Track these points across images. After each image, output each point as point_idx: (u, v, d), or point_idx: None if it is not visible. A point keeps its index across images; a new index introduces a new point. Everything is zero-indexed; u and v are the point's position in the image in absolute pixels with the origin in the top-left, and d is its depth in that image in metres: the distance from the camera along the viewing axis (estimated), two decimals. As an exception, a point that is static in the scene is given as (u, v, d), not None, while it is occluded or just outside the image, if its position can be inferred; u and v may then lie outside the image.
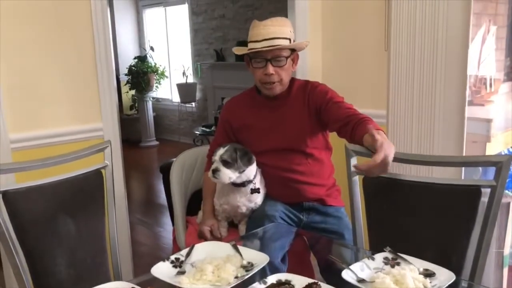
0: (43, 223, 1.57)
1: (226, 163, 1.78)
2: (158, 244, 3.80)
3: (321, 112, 1.86)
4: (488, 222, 1.38)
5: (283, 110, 1.93)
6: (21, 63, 2.06)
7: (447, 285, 1.16)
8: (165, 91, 7.86)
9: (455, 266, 1.30)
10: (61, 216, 1.61)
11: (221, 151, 1.81)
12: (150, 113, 7.44)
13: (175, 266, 1.36)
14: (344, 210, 1.97)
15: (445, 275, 1.20)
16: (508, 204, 2.54)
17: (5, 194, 1.50)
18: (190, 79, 7.28)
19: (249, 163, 1.82)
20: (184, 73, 7.10)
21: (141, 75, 7.15)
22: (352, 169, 1.58)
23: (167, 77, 7.69)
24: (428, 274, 1.21)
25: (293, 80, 1.99)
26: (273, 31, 1.83)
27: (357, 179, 1.61)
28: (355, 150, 1.61)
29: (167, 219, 4.15)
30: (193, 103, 7.32)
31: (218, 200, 1.95)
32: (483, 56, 2.78)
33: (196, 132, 5.83)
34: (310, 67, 2.65)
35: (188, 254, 1.40)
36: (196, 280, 1.25)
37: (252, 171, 1.86)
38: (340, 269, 1.24)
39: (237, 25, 6.39)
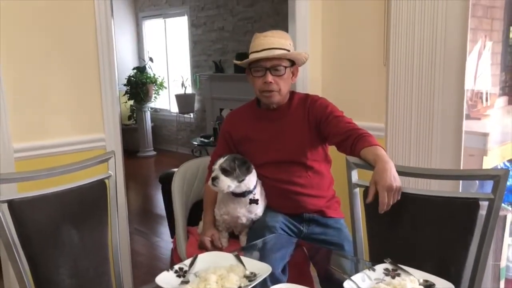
0: (48, 232, 1.58)
1: (225, 171, 1.81)
2: (156, 254, 3.80)
3: (321, 125, 1.90)
4: (486, 234, 1.41)
5: (283, 123, 1.97)
6: (25, 74, 2.08)
7: (446, 295, 1.18)
8: (164, 101, 7.90)
9: (454, 277, 1.33)
10: (65, 225, 1.63)
11: (220, 160, 1.84)
12: (148, 124, 7.48)
13: (178, 276, 1.37)
14: (344, 222, 2.00)
15: (444, 286, 1.22)
16: (505, 217, 2.57)
17: (11, 203, 1.52)
18: (189, 90, 7.33)
19: (247, 172, 1.85)
20: (183, 84, 7.14)
21: (140, 85, 7.19)
22: (353, 181, 1.62)
23: (165, 87, 7.73)
24: (428, 285, 1.23)
25: (293, 93, 2.03)
26: (273, 41, 1.88)
27: (357, 191, 1.64)
28: (356, 163, 1.64)
29: (164, 229, 4.16)
30: (192, 114, 7.36)
31: (218, 211, 1.97)
32: (479, 70, 2.83)
33: (195, 143, 5.86)
34: (310, 80, 2.69)
35: (191, 264, 1.42)
36: (200, 290, 1.27)
37: (251, 181, 1.88)
38: (339, 280, 1.26)
39: (237, 37, 6.45)
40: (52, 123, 2.20)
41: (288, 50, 1.90)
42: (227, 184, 1.80)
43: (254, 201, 1.89)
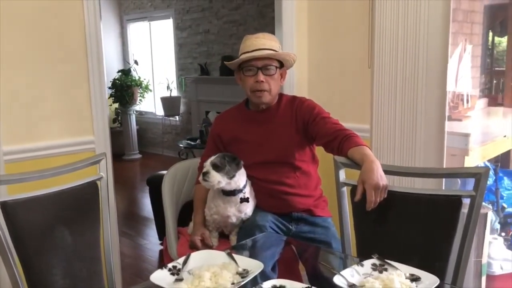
0: (41, 233, 1.60)
1: (216, 167, 1.85)
2: (143, 256, 3.80)
3: (309, 126, 1.95)
4: (468, 229, 1.47)
5: (272, 124, 2.01)
6: (15, 77, 2.09)
7: (431, 288, 1.24)
8: (149, 104, 7.89)
9: (438, 271, 1.38)
10: (58, 227, 1.65)
11: (212, 157, 1.89)
12: (134, 126, 7.46)
13: (172, 274, 1.40)
14: (331, 220, 2.05)
15: (429, 280, 1.28)
16: (486, 214, 2.66)
17: (4, 204, 1.53)
18: (174, 93, 7.34)
19: (237, 168, 1.89)
20: (168, 87, 7.15)
21: (125, 88, 7.18)
22: (341, 179, 1.67)
23: (151, 90, 7.73)
24: (414, 279, 1.29)
25: (281, 95, 2.08)
26: (264, 43, 1.94)
27: (345, 190, 1.69)
28: (343, 163, 1.69)
29: (151, 232, 4.17)
30: (177, 117, 7.36)
31: (209, 211, 2.00)
32: (460, 73, 2.92)
33: (181, 145, 5.87)
34: (296, 83, 2.75)
35: (184, 262, 1.45)
36: (194, 287, 1.30)
37: (241, 179, 1.93)
38: (328, 277, 1.30)
39: (222, 40, 6.49)
40: (42, 126, 2.22)
41: (277, 51, 1.95)
42: (218, 179, 1.84)
43: (245, 200, 1.93)
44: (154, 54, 7.81)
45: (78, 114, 2.32)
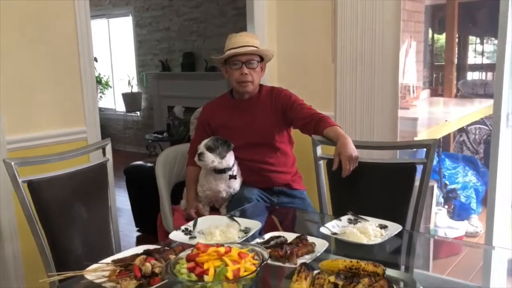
0: (61, 207, 1.82)
1: (210, 149, 2.13)
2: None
3: (287, 112, 2.27)
4: (422, 189, 1.84)
5: (254, 111, 2.31)
6: (14, 72, 2.27)
7: (396, 232, 1.59)
8: (109, 101, 7.95)
9: (399, 223, 1.73)
10: (76, 202, 1.87)
11: (205, 140, 2.16)
12: (94, 123, 7.49)
13: (186, 234, 1.69)
14: (306, 193, 2.38)
15: (394, 227, 1.63)
16: (432, 187, 3.09)
17: (31, 183, 1.75)
18: (135, 89, 7.46)
19: (228, 149, 2.18)
20: (129, 83, 7.27)
21: (85, 85, 7.21)
22: (318, 154, 2.01)
23: (111, 87, 7.80)
24: (383, 226, 1.64)
25: (261, 86, 2.38)
26: (247, 40, 2.24)
27: (321, 163, 2.03)
28: (320, 140, 2.03)
29: (122, 219, 4.25)
30: (138, 112, 7.50)
31: (201, 188, 2.28)
32: (406, 67, 3.34)
33: (149, 139, 6.04)
34: (267, 76, 3.04)
35: (194, 225, 1.73)
36: (208, 241, 1.59)
37: (231, 159, 2.22)
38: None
39: (183, 37, 6.70)
40: (39, 117, 2.40)
41: (258, 48, 2.25)
42: (211, 159, 2.13)
43: (233, 177, 2.23)
44: (113, 51, 7.88)
45: (71, 106, 2.52)
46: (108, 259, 1.42)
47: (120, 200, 4.99)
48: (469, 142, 4.22)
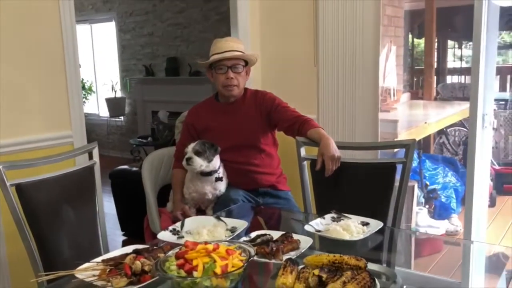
0: (49, 210, 1.84)
1: (198, 153, 2.16)
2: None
3: (271, 114, 2.32)
4: (402, 188, 1.91)
5: (239, 114, 2.36)
6: (1, 78, 2.27)
7: (377, 229, 1.65)
8: (92, 106, 7.92)
9: (380, 220, 1.79)
10: (63, 205, 1.89)
11: (192, 144, 2.19)
12: (77, 128, 7.45)
13: (174, 234, 1.72)
14: (290, 194, 2.43)
15: (376, 224, 1.69)
16: (413, 187, 3.17)
17: (19, 186, 1.77)
18: (118, 94, 7.45)
19: (215, 152, 2.22)
20: (113, 88, 7.25)
21: (68, 90, 7.17)
22: (302, 155, 2.07)
23: (94, 92, 7.77)
24: (365, 224, 1.70)
25: (246, 89, 2.43)
26: (232, 45, 2.29)
27: (305, 164, 2.09)
28: (303, 141, 2.09)
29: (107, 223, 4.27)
30: (122, 117, 7.48)
31: (187, 190, 2.31)
32: (387, 70, 3.43)
33: (133, 144, 6.03)
34: (251, 79, 3.10)
35: (182, 226, 1.77)
36: (196, 240, 1.62)
37: (217, 162, 2.26)
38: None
39: (167, 42, 6.72)
40: (25, 121, 2.41)
41: (243, 53, 2.30)
42: (200, 163, 2.16)
43: (219, 179, 2.26)
44: (96, 56, 7.86)
45: (57, 110, 2.53)
46: (98, 259, 1.45)
47: (105, 204, 4.96)
48: (449, 143, 4.32)
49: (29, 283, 1.57)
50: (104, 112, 7.61)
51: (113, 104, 7.27)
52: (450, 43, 4.48)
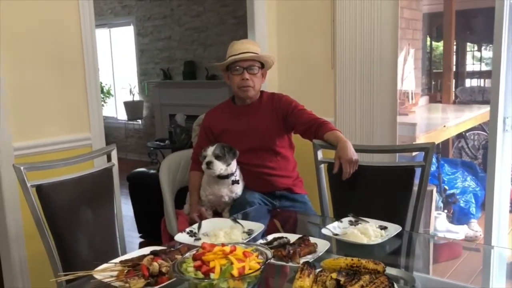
0: (68, 211, 1.86)
1: (218, 157, 2.17)
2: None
3: (288, 117, 2.32)
4: (420, 192, 1.88)
5: (255, 117, 2.36)
6: (22, 80, 2.32)
7: (396, 233, 1.63)
8: (111, 109, 8.01)
9: (399, 224, 1.77)
10: (82, 206, 1.92)
11: (212, 148, 2.19)
12: (96, 131, 7.55)
13: (191, 236, 1.73)
14: (307, 197, 2.42)
15: (394, 228, 1.67)
16: (432, 191, 3.13)
17: (39, 187, 1.79)
18: (137, 97, 7.52)
19: (234, 156, 2.23)
20: (131, 91, 7.33)
21: (87, 94, 7.28)
22: (319, 158, 2.06)
23: (112, 95, 7.87)
24: (383, 228, 1.68)
25: (262, 92, 2.44)
26: (248, 47, 2.30)
27: (322, 167, 2.08)
28: (320, 144, 2.08)
29: (127, 227, 4.33)
30: (140, 121, 7.55)
31: (204, 192, 2.32)
32: (405, 73, 3.40)
33: (151, 147, 6.08)
34: (268, 82, 3.10)
35: (199, 228, 1.77)
36: (213, 242, 1.62)
37: (234, 165, 2.26)
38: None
39: (184, 46, 6.77)
40: (46, 124, 2.45)
41: (259, 54, 2.31)
42: (220, 167, 2.17)
43: (236, 182, 2.27)
44: (115, 59, 7.96)
45: (76, 113, 2.56)
46: (116, 260, 1.46)
47: (123, 206, 5.01)
48: (468, 148, 4.26)
49: (49, 283, 1.60)
50: (122, 115, 7.69)
51: (131, 108, 7.35)
52: (469, 45, 4.42)
